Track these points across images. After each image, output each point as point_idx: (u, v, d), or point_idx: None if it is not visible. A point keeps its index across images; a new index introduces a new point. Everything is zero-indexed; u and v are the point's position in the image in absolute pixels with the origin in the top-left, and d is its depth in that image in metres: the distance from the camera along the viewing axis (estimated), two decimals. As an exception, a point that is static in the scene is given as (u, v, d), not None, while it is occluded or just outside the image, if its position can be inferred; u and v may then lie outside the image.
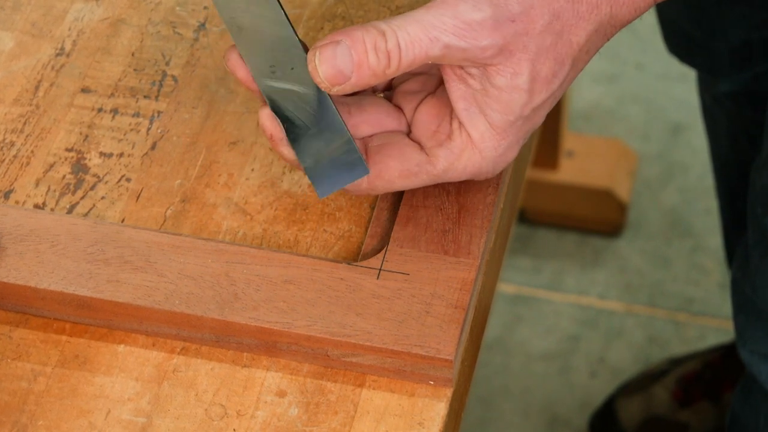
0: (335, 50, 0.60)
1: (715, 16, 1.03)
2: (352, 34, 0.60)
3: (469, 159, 0.63)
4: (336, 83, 0.60)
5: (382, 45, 0.59)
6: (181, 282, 0.65)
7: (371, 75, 0.60)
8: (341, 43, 0.60)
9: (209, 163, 0.71)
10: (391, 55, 0.59)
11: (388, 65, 0.60)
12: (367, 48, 0.59)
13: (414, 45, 0.59)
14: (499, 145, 0.63)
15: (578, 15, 0.61)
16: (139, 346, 0.65)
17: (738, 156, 1.16)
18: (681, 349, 1.44)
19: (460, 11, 0.59)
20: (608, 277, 1.50)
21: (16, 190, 0.70)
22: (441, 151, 0.63)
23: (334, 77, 0.60)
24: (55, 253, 0.66)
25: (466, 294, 0.64)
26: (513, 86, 0.61)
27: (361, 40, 0.59)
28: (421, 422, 0.62)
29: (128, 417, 0.63)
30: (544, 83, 0.62)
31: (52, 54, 0.76)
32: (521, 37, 0.60)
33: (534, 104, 0.62)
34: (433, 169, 0.64)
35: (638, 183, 1.56)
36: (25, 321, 0.66)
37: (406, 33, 0.59)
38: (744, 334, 0.90)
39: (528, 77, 0.61)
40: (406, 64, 0.60)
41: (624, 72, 1.66)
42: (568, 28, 0.61)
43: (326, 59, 0.60)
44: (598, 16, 0.62)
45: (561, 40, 0.61)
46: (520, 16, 0.60)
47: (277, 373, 0.64)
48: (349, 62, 0.59)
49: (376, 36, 0.59)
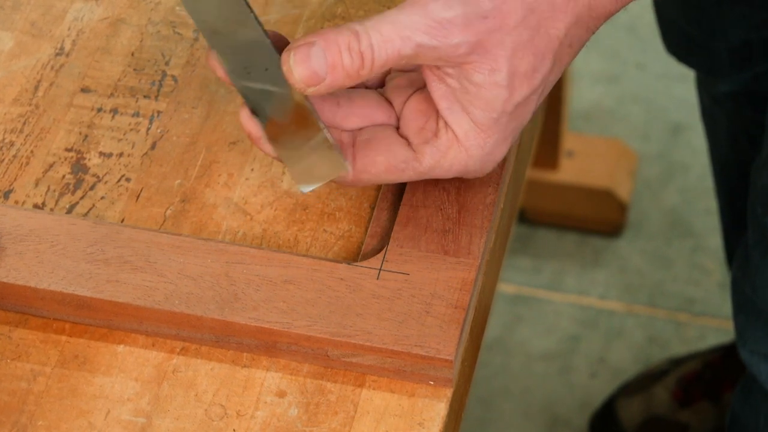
0: (309, 51, 0.60)
1: (714, 16, 1.03)
2: (325, 35, 0.60)
3: (455, 157, 0.64)
4: (311, 84, 0.61)
5: (356, 45, 0.60)
6: (180, 282, 0.65)
7: (345, 76, 0.60)
8: (315, 45, 0.60)
9: (209, 163, 0.71)
10: (365, 55, 0.60)
11: (362, 65, 0.60)
12: (341, 49, 0.60)
13: (386, 45, 0.60)
14: (485, 143, 0.63)
15: (554, 8, 0.61)
16: (139, 347, 0.65)
17: (738, 156, 1.16)
18: (681, 349, 1.44)
19: (430, 10, 0.60)
20: (608, 277, 1.50)
21: (15, 190, 0.70)
22: (427, 148, 0.64)
23: (308, 78, 0.60)
24: (54, 253, 0.66)
25: (466, 294, 0.64)
26: (491, 83, 0.61)
27: (335, 41, 0.60)
28: (421, 422, 0.62)
29: (128, 417, 0.63)
30: (524, 78, 0.62)
31: (51, 54, 0.76)
32: (495, 33, 0.60)
33: (516, 100, 0.62)
34: (419, 166, 0.64)
35: (638, 183, 1.56)
36: (24, 321, 0.66)
37: (379, 33, 0.60)
38: (744, 334, 0.90)
39: (506, 73, 0.61)
40: (379, 64, 0.60)
41: (624, 72, 1.66)
42: (544, 21, 0.61)
43: (300, 60, 0.60)
44: (576, 8, 0.62)
45: (538, 35, 0.61)
46: (493, 12, 0.60)
47: (276, 374, 0.64)
48: (323, 63, 0.60)
49: (350, 37, 0.60)
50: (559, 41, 0.62)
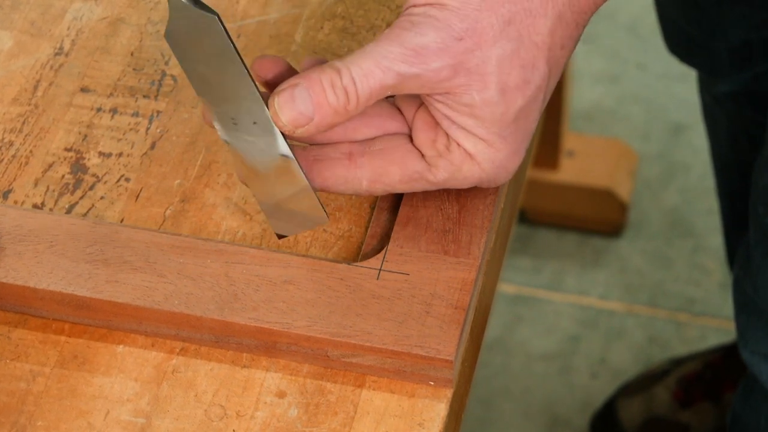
0: (293, 93, 0.61)
1: (714, 16, 1.03)
2: (308, 76, 0.61)
3: (468, 171, 0.64)
4: (298, 125, 0.61)
5: (338, 82, 0.60)
6: (180, 282, 0.65)
7: (333, 113, 0.61)
8: (299, 86, 0.61)
9: (209, 163, 0.71)
10: (348, 90, 0.60)
11: (347, 101, 0.60)
12: (324, 87, 0.60)
13: (368, 78, 0.60)
14: (495, 157, 0.63)
15: (531, 14, 0.61)
16: (139, 347, 0.65)
17: (738, 156, 1.16)
18: (682, 349, 1.43)
19: (404, 39, 0.60)
20: (609, 277, 1.50)
21: (14, 189, 0.70)
22: (441, 162, 0.64)
23: (295, 120, 0.61)
24: (53, 253, 0.66)
25: (466, 294, 0.64)
26: (483, 101, 0.61)
27: (318, 80, 0.60)
28: (421, 423, 0.62)
29: (127, 418, 0.63)
30: (517, 90, 0.62)
31: (50, 53, 0.76)
32: (475, 53, 0.60)
33: (513, 113, 0.62)
34: (433, 179, 0.64)
35: (639, 183, 1.56)
36: (23, 321, 0.66)
37: (359, 67, 0.60)
38: (745, 335, 0.90)
39: (495, 89, 0.61)
40: (364, 97, 0.60)
41: (625, 72, 1.66)
42: (525, 30, 0.61)
43: (285, 102, 0.61)
44: (555, 8, 0.61)
45: (523, 45, 0.61)
46: (467, 33, 0.60)
47: (276, 374, 0.64)
48: (308, 103, 0.61)
49: (332, 74, 0.60)
50: (547, 46, 0.62)
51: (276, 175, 0.64)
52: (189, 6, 0.59)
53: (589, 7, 0.62)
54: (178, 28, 0.60)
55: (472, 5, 0.60)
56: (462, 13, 0.60)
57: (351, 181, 0.64)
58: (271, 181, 0.64)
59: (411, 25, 0.60)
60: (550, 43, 0.62)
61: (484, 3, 0.60)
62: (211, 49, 0.60)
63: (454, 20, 0.60)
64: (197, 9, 0.60)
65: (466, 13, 0.60)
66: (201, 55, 0.61)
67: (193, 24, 0.60)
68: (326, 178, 0.64)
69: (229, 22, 0.77)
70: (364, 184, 0.64)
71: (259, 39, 0.76)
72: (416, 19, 0.60)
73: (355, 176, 0.64)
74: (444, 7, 0.60)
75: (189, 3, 0.59)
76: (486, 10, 0.60)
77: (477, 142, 0.62)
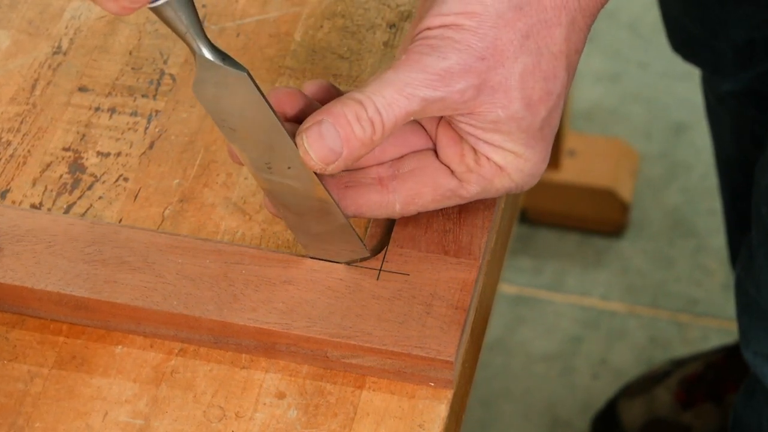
0: (320, 130, 0.60)
1: (719, 15, 1.03)
2: (331, 111, 0.60)
3: (500, 183, 0.64)
4: (329, 162, 0.61)
5: (363, 114, 0.60)
6: (179, 283, 0.65)
7: (361, 145, 0.61)
8: (324, 122, 0.60)
9: (207, 163, 0.71)
10: (374, 121, 0.60)
11: (374, 131, 0.60)
12: (349, 120, 0.60)
13: (392, 107, 0.60)
14: (524, 167, 0.63)
15: (547, 24, 0.61)
16: (137, 348, 0.65)
17: (741, 155, 1.16)
18: (683, 350, 1.43)
19: (426, 64, 0.60)
20: (610, 277, 1.50)
21: (12, 189, 0.70)
22: (473, 177, 0.64)
23: (326, 157, 0.61)
24: (52, 253, 0.66)
25: (466, 295, 0.64)
26: (508, 117, 0.61)
27: (342, 114, 0.60)
28: (421, 424, 0.62)
29: (126, 419, 0.63)
30: (540, 103, 0.62)
31: (49, 52, 0.76)
32: (497, 70, 0.60)
33: (538, 123, 0.62)
34: (466, 194, 0.64)
35: (640, 183, 1.56)
36: (21, 322, 0.66)
37: (382, 97, 0.60)
38: (748, 336, 0.90)
39: (520, 105, 0.61)
40: (390, 126, 0.60)
41: (626, 71, 1.66)
42: (543, 41, 0.61)
43: (314, 141, 0.60)
44: (568, 14, 0.61)
45: (543, 57, 0.61)
46: (488, 51, 0.60)
47: (276, 375, 0.64)
48: (336, 138, 0.60)
49: (356, 107, 0.60)
50: (564, 54, 0.62)
51: (313, 214, 0.64)
52: (218, 65, 0.59)
53: (597, 9, 0.63)
54: (207, 83, 0.60)
55: (488, 23, 0.60)
56: (480, 32, 0.60)
57: (384, 206, 0.64)
58: (308, 218, 0.64)
59: (430, 49, 0.60)
60: (566, 50, 0.62)
61: (500, 20, 0.60)
62: (242, 103, 0.60)
63: (473, 40, 0.60)
64: (227, 67, 0.59)
65: (484, 32, 0.60)
66: (231, 108, 0.61)
67: (222, 80, 0.60)
68: (360, 206, 0.64)
69: (228, 20, 0.77)
70: (397, 207, 0.64)
71: (259, 38, 0.76)
72: (435, 42, 0.60)
73: (388, 201, 0.64)
74: (461, 28, 0.60)
75: (218, 62, 0.59)
76: (503, 27, 0.60)
77: (506, 155, 0.63)
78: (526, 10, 0.60)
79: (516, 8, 0.60)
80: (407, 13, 0.77)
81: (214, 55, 0.59)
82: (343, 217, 0.64)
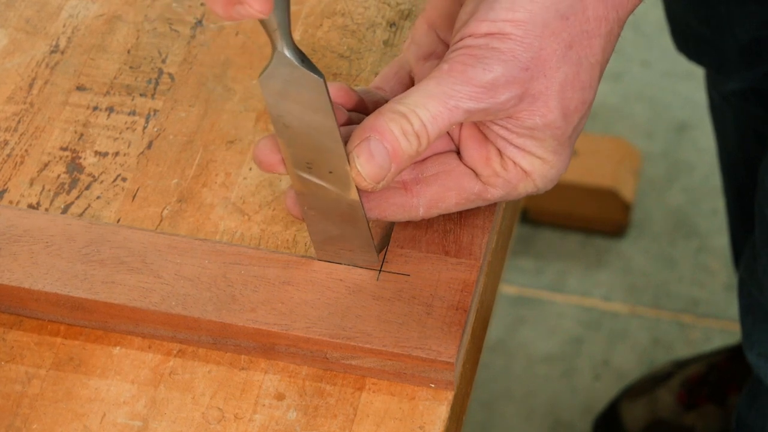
0: (370, 149, 0.60)
1: (724, 14, 1.02)
2: (376, 127, 0.60)
3: (524, 188, 0.64)
4: (379, 179, 0.61)
5: (409, 128, 0.60)
6: (177, 283, 0.64)
7: (408, 159, 0.61)
8: (372, 140, 0.60)
9: (206, 163, 0.71)
10: (420, 135, 0.60)
11: (420, 144, 0.61)
12: (396, 136, 0.60)
13: (437, 119, 0.60)
14: (549, 173, 0.64)
15: (589, 35, 0.61)
16: (135, 349, 0.65)
17: (745, 154, 1.16)
18: (686, 351, 1.43)
19: (471, 77, 0.60)
20: (612, 278, 1.49)
21: (9, 189, 0.70)
22: (498, 180, 0.64)
23: (377, 175, 0.61)
24: (49, 253, 0.66)
25: (467, 295, 0.63)
26: (545, 125, 0.61)
27: (389, 130, 0.60)
28: (421, 426, 0.62)
29: (124, 421, 0.62)
30: (575, 112, 0.62)
31: (46, 51, 0.76)
32: (540, 80, 0.60)
33: (570, 131, 0.63)
34: (490, 197, 0.64)
35: (643, 182, 1.56)
36: (19, 323, 0.66)
37: (426, 110, 0.60)
38: (751, 337, 0.90)
39: (558, 114, 0.61)
40: (434, 137, 0.61)
41: (629, 70, 1.66)
42: (583, 52, 0.61)
43: (366, 161, 0.61)
44: (607, 25, 0.62)
45: (581, 68, 0.61)
46: (533, 62, 0.60)
47: (275, 376, 0.64)
48: (386, 156, 0.61)
49: (401, 121, 0.60)
50: (600, 64, 0.62)
51: (338, 218, 0.64)
52: (296, 65, 0.59)
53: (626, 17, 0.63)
54: (278, 79, 0.60)
55: (534, 32, 0.60)
56: (526, 42, 0.60)
57: (408, 210, 0.64)
58: (331, 221, 0.64)
59: (475, 60, 0.60)
60: (602, 60, 0.62)
61: (546, 29, 0.60)
62: (307, 104, 0.60)
63: (519, 50, 0.60)
64: (304, 69, 0.59)
65: (530, 42, 0.60)
66: (294, 106, 0.61)
67: (295, 79, 0.60)
68: (384, 209, 0.64)
69: (228, 19, 0.77)
70: (421, 211, 0.64)
71: (258, 37, 0.76)
72: (479, 53, 0.60)
73: (411, 205, 0.64)
74: (506, 37, 0.60)
75: (297, 62, 0.59)
76: (548, 37, 0.60)
77: (534, 161, 0.63)
78: (571, 20, 0.60)
79: (562, 18, 0.60)
80: (407, 11, 0.77)
81: (293, 55, 0.59)
82: (367, 225, 0.64)
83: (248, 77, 0.74)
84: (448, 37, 0.66)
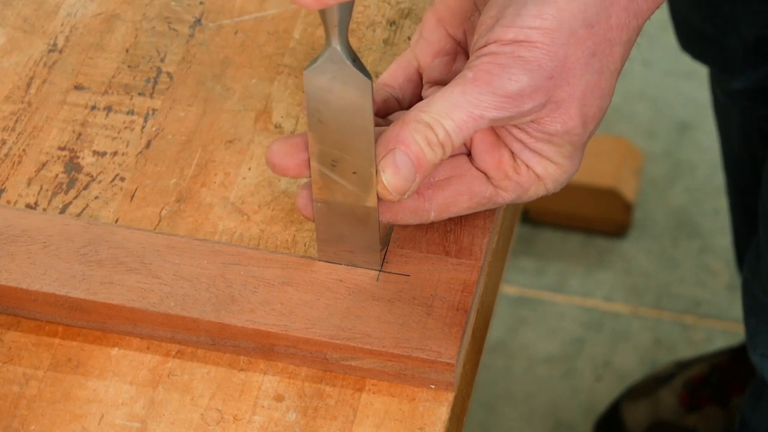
0: (395, 162, 0.60)
1: (728, 13, 1.02)
2: (401, 137, 0.60)
3: (535, 191, 0.64)
4: (405, 191, 0.61)
5: (434, 138, 0.60)
6: (176, 284, 0.64)
7: (431, 167, 0.61)
8: (397, 152, 0.60)
9: (205, 162, 0.71)
10: (444, 144, 0.60)
11: (444, 153, 0.61)
12: (421, 146, 0.60)
13: (461, 129, 0.60)
14: (561, 177, 0.64)
15: (611, 43, 0.61)
16: (134, 349, 0.65)
17: (750, 153, 1.16)
18: (688, 352, 1.43)
19: (497, 87, 0.60)
20: (613, 278, 1.49)
21: (7, 189, 0.70)
22: (509, 184, 0.64)
23: (402, 188, 0.61)
24: (47, 254, 0.65)
25: (468, 296, 0.63)
26: (564, 132, 0.61)
27: (413, 141, 0.60)
28: (422, 427, 0.62)
29: (122, 422, 0.62)
30: (593, 119, 0.62)
31: (44, 50, 0.75)
32: (563, 88, 0.60)
33: (586, 137, 0.63)
34: (501, 200, 0.64)
35: (644, 182, 1.56)
36: (16, 323, 0.66)
37: (451, 120, 0.60)
38: (755, 338, 0.90)
39: (578, 121, 0.61)
40: (457, 145, 0.61)
41: (630, 69, 1.66)
42: (605, 60, 0.61)
43: (393, 176, 0.61)
44: (627, 34, 0.62)
45: (602, 77, 0.61)
46: (557, 70, 0.60)
47: (274, 377, 0.63)
48: (411, 168, 0.61)
49: (425, 131, 0.60)
50: (618, 72, 0.62)
51: (350, 219, 0.64)
52: (347, 64, 0.59)
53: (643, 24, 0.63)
54: (325, 74, 0.60)
55: (560, 41, 0.60)
56: (552, 51, 0.60)
57: (419, 214, 0.64)
58: (343, 222, 0.64)
59: (500, 69, 0.60)
60: (620, 68, 0.62)
61: (572, 37, 0.60)
62: (349, 104, 0.60)
63: (544, 60, 0.60)
64: (354, 69, 0.59)
65: (555, 51, 0.60)
66: (334, 103, 0.61)
67: (343, 77, 0.60)
68: (396, 213, 0.64)
69: (226, 17, 0.77)
70: (432, 215, 0.64)
71: (257, 35, 0.76)
72: (504, 61, 0.60)
73: (423, 209, 0.64)
74: (533, 46, 0.59)
75: (348, 60, 0.59)
76: (573, 45, 0.60)
77: (548, 165, 0.63)
78: (596, 28, 0.60)
79: (588, 26, 0.60)
80: (407, 10, 0.76)
81: (346, 54, 0.59)
82: (377, 229, 0.64)
83: (247, 76, 0.74)
84: (457, 34, 0.66)
